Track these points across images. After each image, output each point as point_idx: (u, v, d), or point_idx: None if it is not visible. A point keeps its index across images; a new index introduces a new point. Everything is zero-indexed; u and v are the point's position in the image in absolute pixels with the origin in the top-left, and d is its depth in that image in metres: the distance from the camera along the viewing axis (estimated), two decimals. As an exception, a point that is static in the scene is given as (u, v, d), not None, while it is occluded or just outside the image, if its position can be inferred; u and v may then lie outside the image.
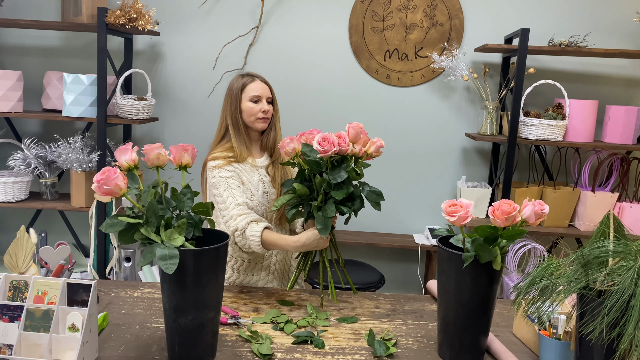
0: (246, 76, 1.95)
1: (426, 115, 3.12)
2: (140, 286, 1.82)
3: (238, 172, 1.87)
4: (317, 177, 1.61)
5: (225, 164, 1.86)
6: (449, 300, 1.36)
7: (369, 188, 1.67)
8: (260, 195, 1.89)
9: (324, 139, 1.57)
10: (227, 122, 1.93)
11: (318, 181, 1.60)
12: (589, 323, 1.12)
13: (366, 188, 1.67)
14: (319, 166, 1.60)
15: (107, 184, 1.19)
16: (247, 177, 1.89)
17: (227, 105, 1.93)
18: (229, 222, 1.76)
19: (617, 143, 2.78)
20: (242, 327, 1.54)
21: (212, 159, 1.88)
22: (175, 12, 3.09)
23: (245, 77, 1.94)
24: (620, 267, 1.13)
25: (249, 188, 1.88)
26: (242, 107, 1.91)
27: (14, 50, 3.17)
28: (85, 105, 2.79)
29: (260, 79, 1.95)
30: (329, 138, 1.57)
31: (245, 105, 1.91)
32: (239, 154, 1.89)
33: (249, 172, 1.90)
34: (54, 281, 1.29)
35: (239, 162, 1.89)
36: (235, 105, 1.91)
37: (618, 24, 2.99)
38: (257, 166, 1.94)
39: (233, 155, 1.89)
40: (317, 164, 1.60)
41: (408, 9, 3.03)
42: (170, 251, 1.21)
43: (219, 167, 1.85)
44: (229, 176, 1.84)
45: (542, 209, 1.29)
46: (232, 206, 1.78)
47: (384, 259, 3.26)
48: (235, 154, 1.89)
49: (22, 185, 2.94)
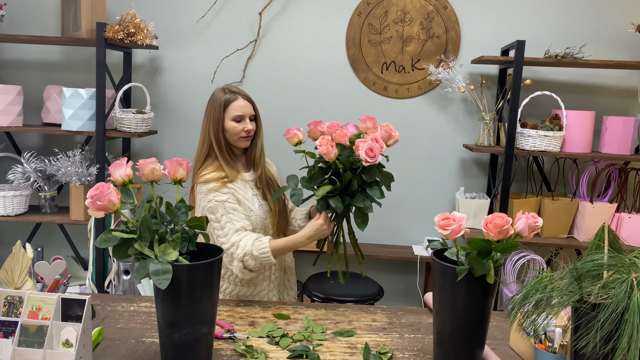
0: (229, 92, 1.89)
1: (424, 127, 3.13)
2: (137, 300, 1.82)
3: (233, 192, 1.85)
4: (348, 173, 1.68)
5: (220, 187, 1.82)
6: (444, 313, 1.36)
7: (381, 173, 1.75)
8: (258, 208, 1.89)
9: (371, 149, 1.62)
10: (211, 139, 1.88)
11: (347, 176, 1.67)
12: (583, 336, 1.12)
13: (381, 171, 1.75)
14: (352, 164, 1.69)
15: (100, 200, 1.20)
16: (242, 194, 1.88)
17: (210, 122, 1.88)
18: (231, 249, 1.76)
19: (614, 154, 2.78)
20: (237, 342, 1.53)
21: (205, 182, 1.83)
22: (174, 26, 3.12)
23: (228, 94, 1.89)
24: (614, 280, 1.13)
25: (246, 205, 1.87)
26: (224, 125, 1.88)
27: (14, 65, 3.19)
28: (84, 119, 2.81)
29: (243, 97, 1.90)
30: (374, 149, 1.62)
31: (228, 124, 1.88)
32: (229, 173, 1.86)
33: (242, 189, 1.89)
34: (48, 296, 1.29)
35: (232, 181, 1.86)
36: (217, 124, 1.87)
37: (614, 35, 3.01)
38: (247, 180, 1.93)
39: (225, 175, 1.86)
40: (351, 163, 1.69)
41: (405, 21, 3.05)
42: (164, 266, 1.21)
43: (215, 190, 1.82)
44: (226, 199, 1.81)
45: (536, 222, 1.29)
46: (230, 232, 1.77)
47: (383, 270, 3.26)
48: (227, 172, 1.86)
49: (22, 199, 2.95)
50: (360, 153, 1.62)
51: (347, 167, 1.68)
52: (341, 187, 1.70)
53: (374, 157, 1.62)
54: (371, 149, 1.62)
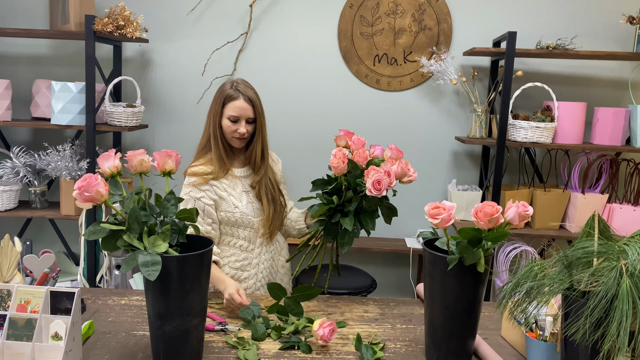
0: (233, 89, 1.87)
1: (416, 119, 3.13)
2: (128, 294, 1.81)
3: (215, 189, 1.85)
4: (349, 192, 1.69)
5: (200, 183, 1.83)
6: (435, 303, 1.36)
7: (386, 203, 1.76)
8: (245, 205, 1.88)
9: (378, 182, 1.60)
10: (210, 131, 1.89)
11: (348, 194, 1.68)
12: (573, 324, 1.12)
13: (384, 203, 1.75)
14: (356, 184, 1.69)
15: (87, 191, 1.19)
16: (229, 190, 1.87)
17: (211, 114, 1.89)
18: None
19: (606, 145, 2.79)
20: (229, 334, 1.53)
21: (191, 174, 1.85)
22: (164, 19, 3.09)
23: (231, 90, 1.87)
24: (604, 267, 1.13)
25: (230, 201, 1.87)
26: (221, 121, 1.88)
27: (2, 59, 3.16)
28: (74, 113, 2.78)
29: (245, 97, 1.86)
30: (382, 182, 1.60)
31: (224, 121, 1.87)
32: (218, 170, 1.86)
33: (230, 185, 1.89)
34: (37, 289, 1.28)
35: (217, 178, 1.86)
36: (216, 117, 1.87)
37: (605, 26, 3.01)
38: (238, 176, 1.92)
39: (212, 171, 1.86)
40: (356, 183, 1.69)
41: (396, 13, 3.04)
42: (153, 257, 1.20)
43: (194, 185, 1.83)
44: (200, 197, 1.83)
45: (526, 211, 1.29)
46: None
47: (375, 263, 3.26)
48: (215, 169, 1.86)
49: (11, 194, 2.92)
50: (367, 181, 1.61)
51: (352, 186, 1.69)
52: (339, 203, 1.70)
53: (379, 190, 1.60)
54: (379, 181, 1.60)
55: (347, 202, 1.71)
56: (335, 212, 1.73)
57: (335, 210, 1.73)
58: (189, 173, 1.86)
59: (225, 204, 1.86)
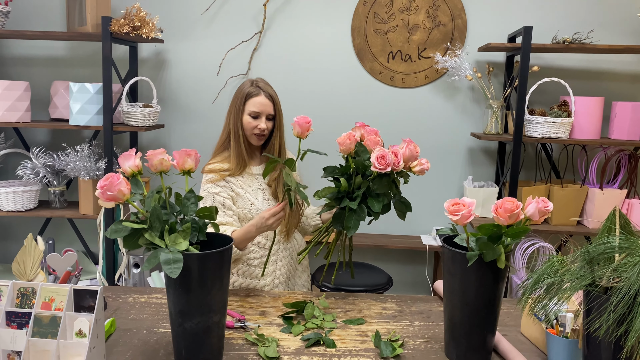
0: (254, 86, 1.91)
1: (431, 116, 3.12)
2: (147, 292, 1.83)
3: (231, 186, 1.88)
4: (359, 177, 1.66)
5: (217, 179, 1.87)
6: (455, 300, 1.36)
7: (400, 197, 1.72)
8: (261, 202, 1.90)
9: (383, 157, 1.58)
10: (230, 128, 1.93)
11: (358, 180, 1.65)
12: (595, 320, 1.12)
13: (397, 197, 1.71)
14: (365, 168, 1.66)
15: (110, 190, 1.20)
16: (244, 187, 1.90)
17: (231, 111, 1.93)
18: None
19: (624, 139, 2.76)
20: (248, 331, 1.54)
21: (208, 171, 1.89)
22: (179, 19, 3.12)
23: (252, 87, 1.91)
24: (626, 263, 1.12)
25: (246, 197, 1.89)
26: (242, 118, 1.91)
27: (21, 61, 3.21)
28: (91, 113, 2.82)
29: (266, 94, 1.90)
30: (387, 157, 1.58)
31: (244, 117, 1.90)
32: (235, 166, 1.89)
33: (246, 182, 1.91)
34: (61, 287, 1.30)
35: (233, 175, 1.89)
36: (237, 114, 1.91)
37: (622, 20, 2.97)
38: (255, 174, 1.94)
39: (229, 167, 1.89)
40: (365, 167, 1.65)
41: (410, 10, 3.03)
42: (174, 255, 1.22)
43: (211, 181, 1.87)
44: (218, 192, 1.86)
45: (546, 206, 1.28)
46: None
47: (391, 260, 3.26)
48: (232, 166, 1.89)
49: (31, 194, 2.97)
50: (372, 157, 1.60)
51: (360, 170, 1.67)
52: (348, 189, 1.68)
53: (383, 165, 1.58)
54: (383, 156, 1.58)
55: (356, 189, 1.69)
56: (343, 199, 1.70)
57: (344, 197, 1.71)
58: (206, 170, 1.90)
59: (242, 200, 1.88)
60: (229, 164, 1.90)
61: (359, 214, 1.66)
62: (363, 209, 1.66)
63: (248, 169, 1.93)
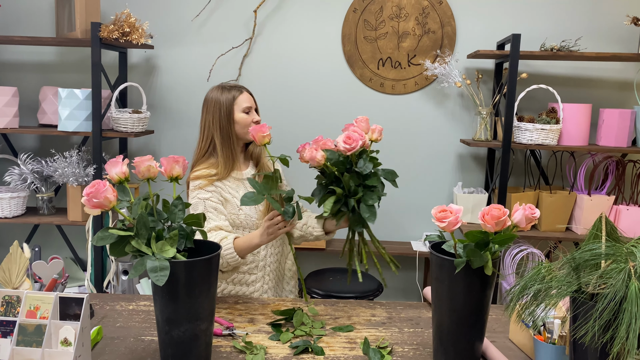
0: (233, 89, 1.95)
1: (421, 123, 3.13)
2: (135, 299, 1.82)
3: (220, 191, 1.88)
4: (345, 175, 1.67)
5: (206, 184, 1.87)
6: (443, 306, 1.36)
7: (382, 170, 1.75)
8: (249, 207, 1.89)
9: (348, 137, 1.64)
10: (215, 136, 1.91)
11: (347, 178, 1.67)
12: (581, 326, 1.12)
13: (379, 172, 1.74)
14: (344, 165, 1.68)
15: (96, 197, 1.20)
16: (232, 192, 1.90)
17: (216, 119, 1.91)
18: None
19: (611, 146, 2.78)
20: (236, 338, 1.53)
21: (194, 178, 1.88)
22: (169, 25, 3.11)
23: (232, 90, 1.94)
24: (612, 269, 1.13)
25: (234, 203, 1.89)
26: (235, 118, 1.92)
27: (9, 66, 3.19)
28: (80, 119, 2.80)
29: (247, 90, 1.98)
30: (352, 136, 1.64)
31: (238, 116, 1.92)
32: (223, 170, 1.89)
33: (233, 188, 1.91)
34: (46, 295, 1.29)
35: (222, 179, 1.89)
36: (227, 118, 1.91)
37: (609, 28, 3.01)
38: (242, 179, 1.95)
39: (217, 172, 1.89)
40: (343, 163, 1.67)
41: (400, 17, 3.05)
42: (161, 263, 1.21)
43: (200, 187, 1.86)
44: (208, 197, 1.85)
45: (533, 213, 1.29)
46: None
47: (382, 266, 3.26)
48: (220, 170, 1.89)
49: (19, 201, 2.94)
50: (339, 145, 1.63)
51: (342, 169, 1.67)
52: (345, 192, 1.69)
53: (352, 143, 1.62)
54: (349, 137, 1.64)
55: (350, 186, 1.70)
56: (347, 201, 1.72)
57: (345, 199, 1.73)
58: (193, 177, 1.89)
59: (230, 206, 1.88)
60: (215, 169, 1.90)
61: (367, 201, 1.68)
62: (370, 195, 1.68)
63: (235, 173, 1.93)
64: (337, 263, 3.22)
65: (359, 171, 1.68)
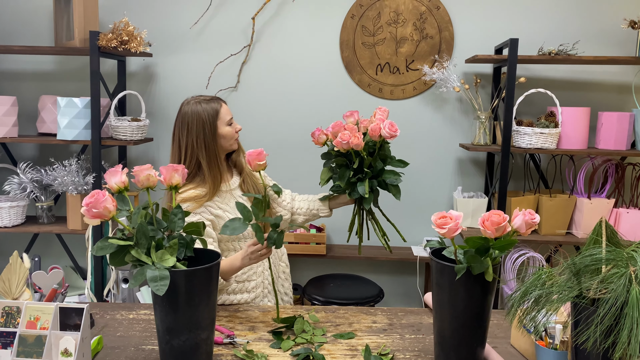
0: (211, 101, 1.87)
1: (420, 127, 3.13)
2: (136, 308, 1.82)
3: (209, 209, 1.83)
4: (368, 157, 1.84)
5: (194, 207, 1.79)
6: (444, 312, 1.36)
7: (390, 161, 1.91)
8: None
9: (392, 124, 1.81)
10: (200, 157, 1.83)
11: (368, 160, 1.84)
12: (583, 332, 1.12)
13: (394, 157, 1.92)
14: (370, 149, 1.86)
15: (95, 207, 1.19)
16: (222, 207, 1.86)
17: (200, 138, 1.82)
18: None
19: (611, 149, 2.79)
20: (237, 347, 1.53)
21: (182, 201, 1.79)
22: (167, 33, 3.12)
23: (212, 103, 1.87)
24: (613, 274, 1.13)
25: (226, 217, 1.84)
26: (220, 133, 1.86)
27: (9, 75, 3.19)
28: (79, 128, 2.80)
29: (223, 101, 1.92)
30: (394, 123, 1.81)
31: (223, 130, 1.86)
32: (212, 189, 1.82)
33: (222, 201, 1.87)
34: (46, 306, 1.29)
35: (210, 198, 1.83)
36: (212, 135, 1.84)
37: (606, 31, 3.01)
38: (230, 189, 1.91)
39: (205, 193, 1.81)
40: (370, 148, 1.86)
41: (398, 23, 3.06)
42: (161, 272, 1.21)
43: (187, 210, 1.76)
44: (197, 220, 1.78)
45: (533, 219, 1.29)
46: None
47: (382, 272, 3.25)
48: (208, 190, 1.82)
49: (19, 210, 2.94)
50: (384, 132, 1.79)
51: (367, 152, 1.85)
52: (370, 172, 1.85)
53: (396, 130, 1.80)
54: (392, 124, 1.80)
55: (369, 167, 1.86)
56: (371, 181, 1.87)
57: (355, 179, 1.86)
58: (180, 200, 1.79)
59: (222, 221, 1.83)
60: (203, 189, 1.83)
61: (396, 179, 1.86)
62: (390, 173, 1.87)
63: (225, 185, 1.90)
64: (337, 269, 3.22)
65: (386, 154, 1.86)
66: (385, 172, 1.87)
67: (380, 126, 1.80)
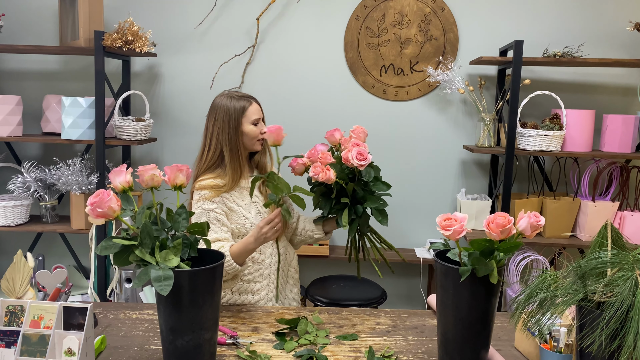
0: (241, 98, 1.92)
1: (424, 129, 3.13)
2: (139, 308, 1.82)
3: (225, 201, 1.87)
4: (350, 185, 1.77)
5: (212, 195, 1.84)
6: (448, 315, 1.35)
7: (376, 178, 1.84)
8: (254, 216, 1.89)
9: (360, 153, 1.72)
10: (224, 148, 1.88)
11: (350, 187, 1.77)
12: (588, 335, 1.11)
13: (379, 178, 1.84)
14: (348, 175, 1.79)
15: (100, 207, 1.19)
16: (238, 202, 1.89)
17: (224, 129, 1.89)
18: None
19: (615, 152, 2.78)
20: (240, 347, 1.53)
21: (200, 188, 1.86)
22: (172, 33, 3.12)
23: (241, 100, 1.91)
24: (618, 277, 1.12)
25: (240, 212, 1.88)
26: (243, 130, 1.90)
27: (13, 75, 3.20)
28: (83, 127, 2.81)
29: (255, 101, 1.96)
30: (362, 152, 1.72)
31: (247, 128, 1.90)
32: (231, 182, 1.87)
33: (238, 197, 1.90)
34: (50, 305, 1.29)
35: (228, 190, 1.87)
36: (235, 130, 1.89)
37: (612, 34, 3.01)
38: (247, 187, 1.93)
39: (224, 184, 1.86)
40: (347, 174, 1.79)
41: (402, 24, 3.05)
42: (165, 272, 1.21)
43: (205, 198, 1.84)
44: (212, 208, 1.84)
45: (538, 221, 1.28)
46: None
47: (385, 273, 3.25)
48: (227, 181, 1.86)
49: (22, 209, 2.94)
50: (353, 162, 1.70)
51: (346, 180, 1.77)
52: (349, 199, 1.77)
53: (365, 158, 1.71)
54: (360, 152, 1.71)
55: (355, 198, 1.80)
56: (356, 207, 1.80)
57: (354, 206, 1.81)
58: (198, 187, 1.86)
59: (235, 215, 1.87)
60: (222, 180, 1.87)
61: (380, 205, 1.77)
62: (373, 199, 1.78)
63: (241, 182, 1.92)
64: (340, 270, 3.22)
65: (365, 180, 1.76)
66: (369, 198, 1.78)
67: (349, 156, 1.72)
